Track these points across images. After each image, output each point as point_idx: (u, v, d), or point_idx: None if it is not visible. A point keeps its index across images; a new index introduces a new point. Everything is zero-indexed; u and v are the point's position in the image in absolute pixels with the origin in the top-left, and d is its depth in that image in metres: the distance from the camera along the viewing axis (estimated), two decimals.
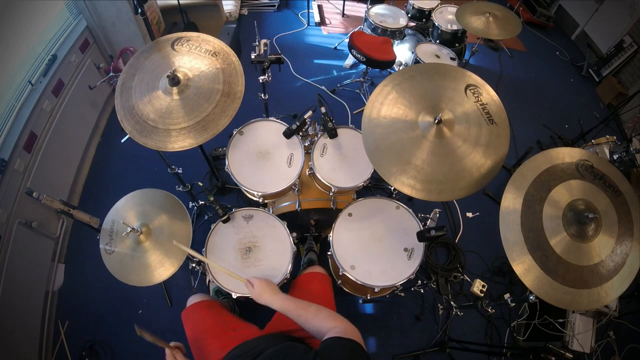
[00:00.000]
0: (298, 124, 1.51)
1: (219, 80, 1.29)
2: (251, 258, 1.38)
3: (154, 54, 1.34)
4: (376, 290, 1.40)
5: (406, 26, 2.80)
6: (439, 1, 2.93)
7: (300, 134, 1.58)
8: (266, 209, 1.58)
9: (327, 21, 3.71)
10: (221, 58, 1.33)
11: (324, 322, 0.92)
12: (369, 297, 1.58)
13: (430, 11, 2.87)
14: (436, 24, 2.75)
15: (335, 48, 3.37)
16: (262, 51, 1.72)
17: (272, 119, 1.64)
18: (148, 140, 1.22)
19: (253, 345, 1.02)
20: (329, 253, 1.50)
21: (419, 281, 1.86)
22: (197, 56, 1.33)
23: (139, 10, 1.58)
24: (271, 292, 1.08)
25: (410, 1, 2.91)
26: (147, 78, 1.29)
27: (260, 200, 1.55)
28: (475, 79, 1.27)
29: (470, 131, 1.18)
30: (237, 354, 1.00)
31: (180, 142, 1.21)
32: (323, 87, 2.99)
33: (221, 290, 1.35)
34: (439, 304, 1.96)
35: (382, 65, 2.46)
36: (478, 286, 2.00)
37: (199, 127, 1.23)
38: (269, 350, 0.85)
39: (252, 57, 1.68)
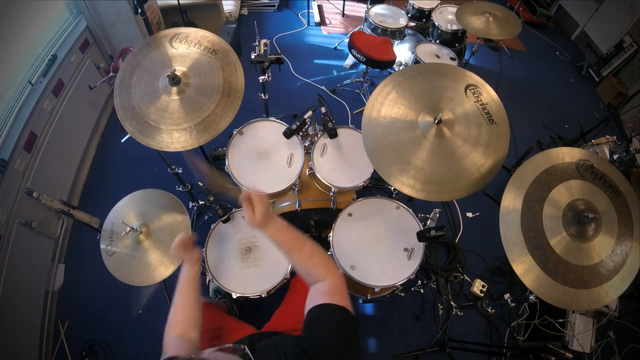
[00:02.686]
0: (298, 124, 1.51)
1: (219, 80, 1.29)
2: (251, 258, 1.38)
3: (152, 52, 1.34)
4: (376, 290, 1.40)
5: (406, 26, 2.79)
6: (439, 1, 2.93)
7: (300, 134, 1.58)
8: None
9: (327, 21, 3.71)
10: (221, 57, 1.33)
11: (316, 268, 0.85)
12: (369, 297, 1.58)
13: (430, 11, 2.87)
14: (436, 24, 2.75)
15: (335, 48, 3.37)
16: (262, 51, 1.72)
17: (272, 119, 1.64)
18: (149, 140, 1.22)
19: (245, 342, 1.01)
20: (329, 253, 1.50)
21: (419, 281, 1.86)
22: (196, 54, 1.33)
23: (139, 10, 1.58)
24: (268, 217, 0.94)
25: (410, 1, 2.90)
26: (146, 77, 1.29)
27: None
28: (475, 79, 1.27)
29: (470, 131, 1.18)
30: None
31: (182, 142, 1.22)
32: (323, 87, 2.99)
33: (220, 290, 1.35)
34: (439, 304, 1.95)
35: (382, 65, 2.46)
36: (478, 286, 2.00)
37: (200, 127, 1.23)
38: (262, 343, 0.82)
39: (252, 57, 1.68)
